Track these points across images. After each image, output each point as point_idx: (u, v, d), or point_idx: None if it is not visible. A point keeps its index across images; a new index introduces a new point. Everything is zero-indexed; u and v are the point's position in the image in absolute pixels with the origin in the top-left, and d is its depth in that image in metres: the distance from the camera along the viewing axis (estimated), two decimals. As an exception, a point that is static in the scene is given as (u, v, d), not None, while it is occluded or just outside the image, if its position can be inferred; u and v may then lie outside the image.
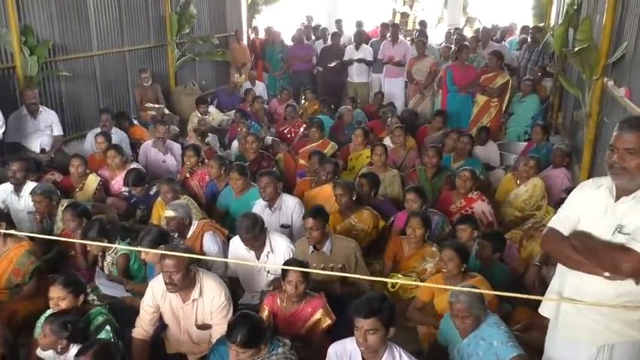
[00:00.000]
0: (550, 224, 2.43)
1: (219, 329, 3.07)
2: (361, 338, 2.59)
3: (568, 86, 6.18)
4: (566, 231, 2.33)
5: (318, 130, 6.50)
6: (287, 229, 4.44)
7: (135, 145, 6.44)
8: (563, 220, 2.36)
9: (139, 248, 3.46)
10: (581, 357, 2.34)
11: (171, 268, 2.98)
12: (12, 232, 3.79)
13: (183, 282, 3.04)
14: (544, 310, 2.52)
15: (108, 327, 3.01)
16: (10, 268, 3.68)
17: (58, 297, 2.99)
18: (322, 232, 3.75)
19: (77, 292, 3.04)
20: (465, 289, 2.91)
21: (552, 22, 10.27)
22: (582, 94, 5.62)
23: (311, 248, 3.79)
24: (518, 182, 5.22)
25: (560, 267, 2.42)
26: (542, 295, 2.70)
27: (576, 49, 5.29)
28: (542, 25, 10.44)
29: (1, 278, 3.69)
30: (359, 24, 11.02)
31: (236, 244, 3.90)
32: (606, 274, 2.15)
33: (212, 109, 8.39)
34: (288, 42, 10.59)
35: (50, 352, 2.94)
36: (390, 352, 2.64)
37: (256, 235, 3.70)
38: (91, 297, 3.23)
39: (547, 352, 2.58)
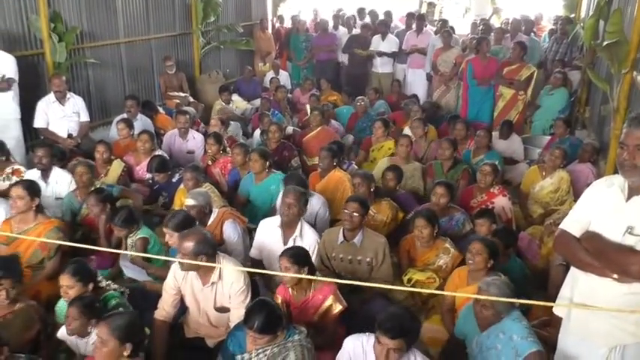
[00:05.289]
0: (562, 225, 2.39)
1: (237, 313, 3.12)
2: (383, 356, 2.54)
3: (596, 80, 6.03)
4: (577, 232, 2.30)
5: (319, 115, 6.40)
6: None
7: (157, 133, 6.51)
8: (574, 221, 2.33)
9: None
10: (592, 357, 2.33)
11: (186, 252, 3.07)
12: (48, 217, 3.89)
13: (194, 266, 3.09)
14: (557, 309, 2.53)
15: (121, 309, 3.05)
16: (37, 241, 3.74)
17: (67, 285, 3.03)
18: (361, 220, 3.71)
19: (86, 281, 3.07)
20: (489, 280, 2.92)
21: (583, 14, 10.02)
22: (610, 88, 5.49)
23: (341, 238, 3.75)
24: (543, 174, 5.16)
25: (572, 267, 2.40)
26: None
27: (606, 42, 5.17)
28: (572, 16, 10.18)
29: (27, 251, 3.78)
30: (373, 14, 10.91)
31: (264, 227, 3.96)
32: (615, 276, 2.13)
33: (236, 97, 8.45)
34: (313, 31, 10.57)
35: (72, 337, 2.99)
36: (405, 356, 2.63)
37: (298, 197, 3.71)
38: (105, 283, 3.29)
39: (559, 350, 2.57)
